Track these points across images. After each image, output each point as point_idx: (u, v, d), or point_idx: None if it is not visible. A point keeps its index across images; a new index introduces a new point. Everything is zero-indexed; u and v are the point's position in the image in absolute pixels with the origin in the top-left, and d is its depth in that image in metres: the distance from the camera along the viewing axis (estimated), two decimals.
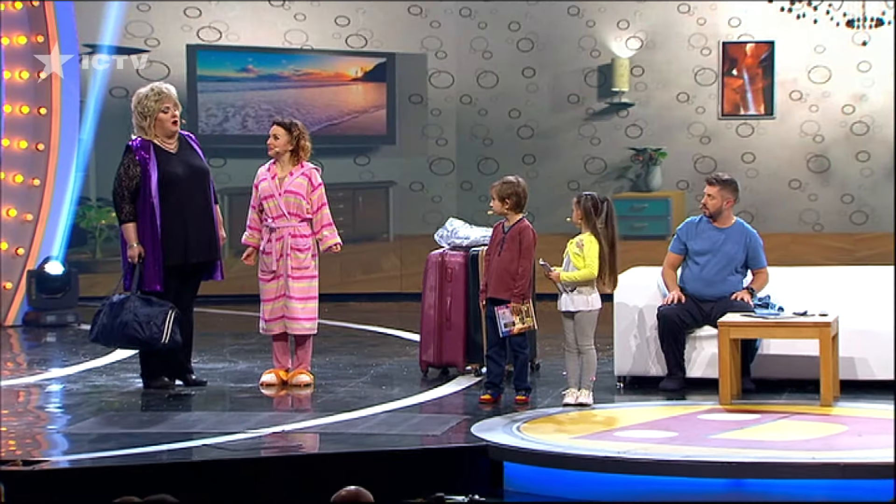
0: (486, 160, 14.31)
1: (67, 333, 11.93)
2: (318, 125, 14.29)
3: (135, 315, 8.66)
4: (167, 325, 8.69)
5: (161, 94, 8.95)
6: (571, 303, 8.38)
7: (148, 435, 7.63)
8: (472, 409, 8.32)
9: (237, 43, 14.16)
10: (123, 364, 9.92)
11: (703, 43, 14.14)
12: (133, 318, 8.66)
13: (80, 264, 13.36)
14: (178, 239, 8.88)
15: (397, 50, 14.42)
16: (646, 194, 14.24)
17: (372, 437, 7.61)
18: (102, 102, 12.99)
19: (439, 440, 7.49)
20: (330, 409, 8.36)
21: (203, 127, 13.97)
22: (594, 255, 8.31)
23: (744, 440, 7.46)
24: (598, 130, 14.33)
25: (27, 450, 7.36)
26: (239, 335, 11.32)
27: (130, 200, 8.87)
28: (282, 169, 9.08)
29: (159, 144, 8.96)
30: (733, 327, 8.49)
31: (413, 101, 14.41)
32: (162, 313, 8.69)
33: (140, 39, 13.92)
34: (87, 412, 8.36)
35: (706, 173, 14.22)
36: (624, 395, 8.86)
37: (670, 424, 7.88)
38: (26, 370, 10.25)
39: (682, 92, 14.22)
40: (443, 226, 9.57)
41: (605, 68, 14.26)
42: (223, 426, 7.81)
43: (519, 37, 14.32)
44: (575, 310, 8.37)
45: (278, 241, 9.01)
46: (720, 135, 14.18)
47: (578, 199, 8.44)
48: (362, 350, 10.71)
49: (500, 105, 14.40)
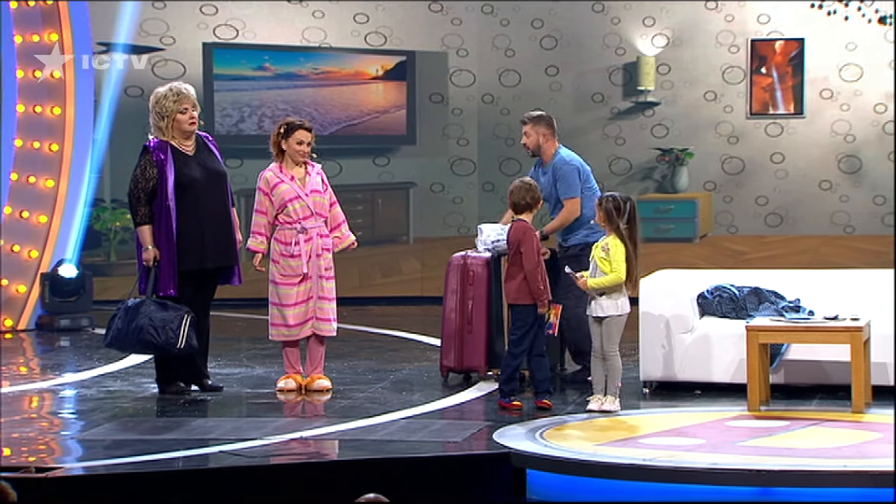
0: (509, 160, 14.31)
1: (81, 338, 11.97)
2: (336, 125, 14.32)
3: (150, 319, 8.68)
4: (183, 329, 8.71)
5: (180, 94, 8.97)
6: (601, 308, 8.38)
7: (163, 441, 7.65)
8: (494, 415, 8.32)
9: (254, 41, 14.20)
10: (138, 369, 9.95)
11: (731, 40, 14.12)
12: (148, 322, 8.68)
13: (95, 267, 13.41)
14: (193, 243, 8.90)
15: (417, 48, 14.44)
16: (672, 196, 14.22)
17: (391, 443, 7.62)
18: (117, 102, 13.04)
19: (460, 447, 7.50)
20: (348, 415, 8.37)
21: (218, 127, 14.01)
22: (620, 259, 8.31)
23: (773, 447, 7.45)
24: (622, 130, 14.32)
25: (40, 456, 7.40)
26: (256, 340, 11.35)
27: (146, 202, 8.90)
28: (296, 169, 9.09)
29: (176, 146, 8.99)
30: (762, 332, 8.47)
31: (434, 100, 14.43)
32: (178, 317, 8.71)
33: (155, 37, 13.98)
34: (101, 418, 8.39)
35: (734, 174, 14.25)
36: (650, 401, 8.85)
37: (697, 431, 7.87)
38: (39, 375, 10.29)
39: (709, 90, 14.20)
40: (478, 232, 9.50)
41: (630, 66, 14.25)
42: (240, 432, 7.83)
43: (542, 34, 14.32)
44: (604, 315, 8.37)
45: (307, 243, 9.00)
46: (748, 134, 14.16)
47: (600, 201, 8.44)
48: (381, 355, 10.72)
49: (522, 104, 14.38)
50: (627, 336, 8.60)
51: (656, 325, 9.01)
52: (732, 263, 13.49)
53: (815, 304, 8.90)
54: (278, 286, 9.06)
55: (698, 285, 9.27)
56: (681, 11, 14.13)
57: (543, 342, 8.53)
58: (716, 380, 8.98)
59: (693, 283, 9.28)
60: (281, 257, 9.05)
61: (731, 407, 8.47)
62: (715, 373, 8.98)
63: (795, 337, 8.62)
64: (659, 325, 9.02)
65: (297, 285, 9.02)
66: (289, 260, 9.03)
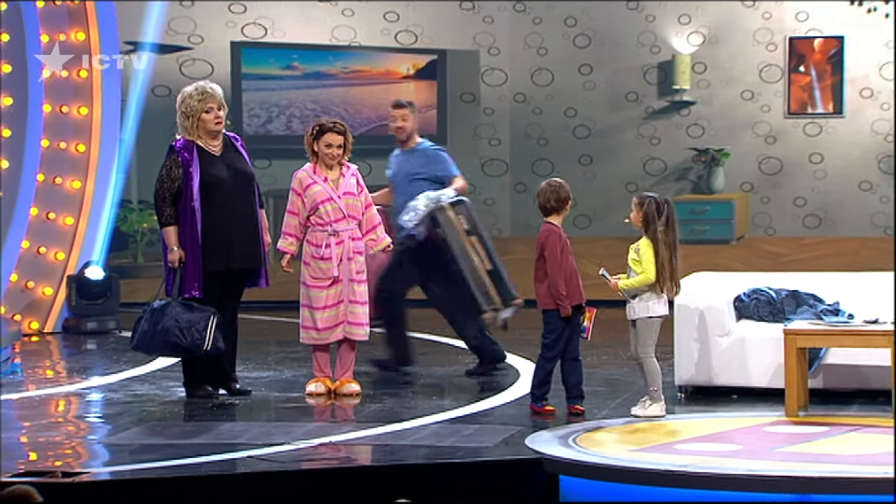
0: (541, 161, 14.30)
1: (108, 340, 12.02)
2: (366, 125, 14.33)
3: (176, 321, 8.71)
4: (209, 331, 8.73)
5: (205, 93, 8.99)
6: (632, 310, 8.37)
7: (191, 446, 7.67)
8: (527, 420, 8.31)
9: (283, 40, 14.24)
10: (165, 372, 9.99)
11: (769, 38, 14.07)
12: (174, 324, 8.71)
13: (122, 269, 13.46)
14: (219, 244, 8.91)
15: (448, 46, 14.44)
16: (708, 196, 14.18)
17: (422, 448, 7.62)
18: (144, 102, 13.09)
19: (492, 452, 7.49)
20: (378, 419, 8.38)
21: (246, 127, 14.05)
22: (650, 260, 8.29)
23: (812, 454, 7.42)
24: (657, 130, 14.29)
25: (66, 461, 7.43)
26: (284, 343, 11.37)
27: (172, 203, 8.93)
28: (330, 170, 9.10)
29: (203, 146, 9.01)
30: (800, 335, 8.44)
31: (465, 99, 14.43)
32: (204, 319, 8.73)
33: (183, 36, 14.03)
34: (128, 422, 8.42)
35: (772, 175, 14.20)
36: (685, 405, 8.82)
37: (734, 437, 7.85)
38: (66, 378, 10.33)
39: (746, 89, 14.16)
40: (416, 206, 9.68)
41: (665, 65, 14.22)
42: (268, 437, 7.85)
43: (575, 32, 14.30)
44: (635, 317, 8.36)
45: (338, 246, 9.00)
46: (786, 134, 14.11)
47: (641, 202, 8.41)
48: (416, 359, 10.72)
49: (555, 104, 14.39)
50: (662, 339, 8.58)
51: (692, 328, 8.99)
52: (770, 266, 13.44)
53: (854, 307, 8.86)
54: (309, 289, 9.07)
55: (735, 288, 9.24)
56: (717, 9, 14.09)
57: (577, 346, 8.52)
58: (753, 384, 8.94)
59: (730, 286, 9.25)
60: (312, 259, 9.06)
61: (769, 412, 8.43)
62: (752, 377, 8.95)
63: (834, 341, 8.58)
64: (695, 329, 8.99)
65: (328, 288, 9.02)
66: (319, 262, 9.03)
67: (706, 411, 8.58)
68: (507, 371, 9.95)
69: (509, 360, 10.30)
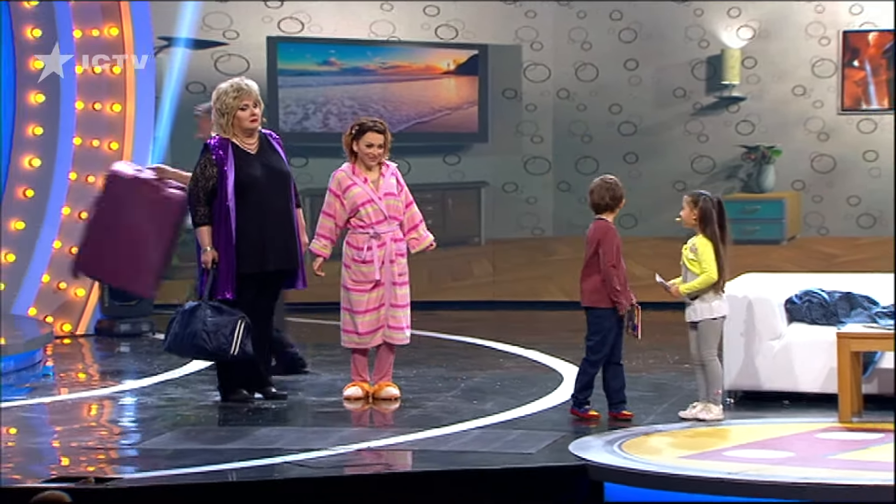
0: (585, 159, 14.27)
1: (142, 343, 12.08)
2: (405, 122, 14.35)
3: (203, 324, 8.73)
4: (237, 335, 8.74)
5: (241, 90, 9.02)
6: (694, 312, 8.36)
7: (226, 451, 7.70)
8: (570, 425, 8.30)
9: (320, 35, 14.27)
10: (200, 376, 10.02)
11: (822, 32, 14.00)
12: (202, 327, 8.73)
13: None
14: (254, 245, 8.93)
15: (490, 41, 14.44)
16: (758, 195, 14.12)
17: (463, 454, 7.62)
18: (179, 98, 13.14)
19: (535, 459, 7.49)
20: (418, 424, 8.39)
21: (282, 125, 14.08)
22: (710, 258, 8.28)
23: (866, 461, 7.38)
24: (706, 127, 14.24)
25: (99, 466, 7.47)
26: (321, 346, 11.40)
27: (206, 202, 8.95)
28: (370, 171, 9.09)
29: (238, 144, 9.04)
30: (854, 339, 8.40)
31: (507, 95, 14.42)
32: (231, 322, 8.74)
33: (218, 32, 14.08)
34: (162, 427, 8.46)
35: (825, 173, 14.12)
36: (735, 411, 8.79)
37: (785, 443, 7.82)
38: (99, 382, 10.39)
39: (798, 85, 14.09)
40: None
41: (714, 60, 14.16)
42: (305, 442, 7.87)
43: (621, 26, 14.27)
44: (698, 319, 8.35)
45: (380, 248, 8.99)
46: (840, 131, 14.03)
47: (695, 200, 8.39)
48: (453, 362, 10.73)
49: (600, 100, 14.36)
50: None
51: (742, 331, 8.96)
52: (822, 267, 13.37)
53: None
54: (350, 292, 9.05)
55: (786, 290, 9.20)
56: (768, 2, 14.03)
57: (621, 349, 8.50)
58: (805, 389, 8.91)
59: (781, 288, 9.21)
60: (353, 262, 9.04)
61: (821, 418, 8.40)
62: (804, 382, 8.91)
63: (889, 344, 8.53)
64: (744, 332, 8.96)
65: (369, 292, 9.00)
66: (361, 266, 9.01)
67: (756, 417, 8.56)
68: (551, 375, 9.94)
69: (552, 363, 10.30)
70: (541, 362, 10.59)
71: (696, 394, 8.49)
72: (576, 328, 8.91)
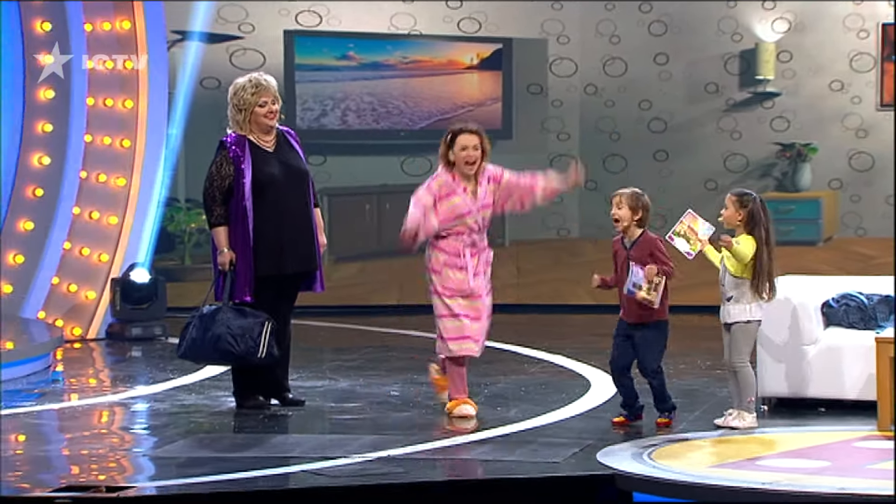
0: (613, 157, 14.27)
1: (154, 347, 12.11)
2: (427, 119, 14.37)
3: (228, 328, 8.75)
4: (264, 337, 8.77)
5: (259, 85, 9.03)
6: (728, 314, 8.36)
7: (241, 459, 7.72)
8: (598, 433, 8.30)
9: (338, 28, 14.30)
10: (214, 381, 10.05)
11: (860, 24, 13.97)
12: (227, 330, 8.75)
13: (168, 272, 13.57)
14: (272, 246, 8.95)
15: (515, 35, 14.45)
16: (793, 195, 14.11)
17: (486, 463, 7.62)
18: (193, 94, 13.18)
19: (561, 468, 7.49)
20: (440, 431, 8.39)
21: (299, 122, 14.11)
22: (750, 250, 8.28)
23: None
24: (739, 123, 14.23)
25: (110, 475, 7.49)
26: (340, 350, 11.41)
27: (222, 202, 8.98)
28: (468, 180, 8.89)
29: (255, 141, 9.06)
30: (893, 344, 8.37)
31: (532, 91, 14.43)
32: (258, 325, 8.77)
33: (234, 25, 14.13)
34: (175, 434, 8.48)
35: (863, 171, 14.10)
36: (769, 419, 8.78)
37: (822, 453, 7.80)
38: (110, 388, 10.42)
39: (835, 80, 14.07)
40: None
41: (747, 54, 14.15)
42: (323, 450, 7.88)
43: (650, 19, 14.26)
44: (732, 321, 8.35)
45: (473, 257, 8.85)
46: (878, 127, 14.00)
47: (741, 200, 8.38)
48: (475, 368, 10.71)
49: (628, 96, 14.36)
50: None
51: (776, 336, 8.94)
52: (860, 269, 13.34)
53: None
54: (442, 297, 8.85)
55: (823, 293, 9.18)
56: None
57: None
58: (842, 396, 8.89)
59: (817, 291, 9.20)
60: (444, 267, 8.84)
61: (859, 426, 8.38)
62: (841, 388, 8.89)
63: None
64: (779, 337, 8.95)
65: (462, 298, 8.81)
66: (455, 272, 8.83)
67: (791, 425, 8.54)
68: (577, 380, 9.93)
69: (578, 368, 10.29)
70: (567, 367, 10.59)
71: (729, 401, 8.48)
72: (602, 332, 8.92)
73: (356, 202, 14.27)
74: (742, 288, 8.35)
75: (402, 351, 11.74)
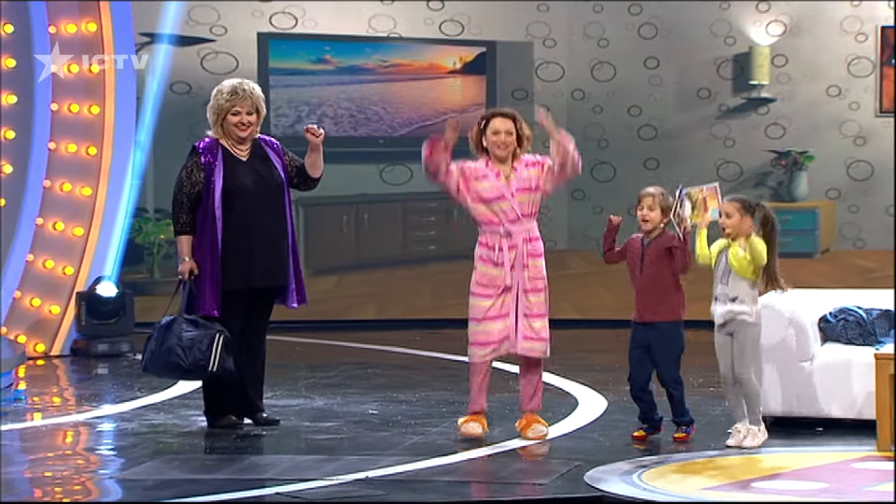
0: (602, 165, 14.30)
1: (121, 364, 12.10)
2: (407, 126, 14.38)
3: (179, 339, 8.74)
4: (214, 350, 8.73)
5: (235, 93, 9.03)
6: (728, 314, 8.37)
7: (213, 481, 7.72)
8: (586, 453, 8.31)
9: (314, 31, 14.31)
10: (184, 400, 10.04)
11: (858, 28, 14.03)
12: (177, 342, 8.74)
13: (136, 285, 13.55)
14: (240, 259, 8.93)
15: (499, 38, 14.48)
16: (789, 205, 14.14)
17: (469, 485, 7.63)
18: (162, 100, 13.18)
19: (547, 489, 7.50)
20: (421, 452, 8.40)
21: (273, 129, 14.12)
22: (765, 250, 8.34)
23: None
24: (732, 130, 14.27)
25: (75, 498, 7.49)
26: (316, 367, 11.40)
27: (189, 210, 8.97)
28: (502, 163, 8.88)
29: (228, 148, 9.06)
30: (893, 361, 8.39)
31: (517, 96, 14.46)
32: (207, 337, 8.74)
33: (205, 27, 14.13)
34: (143, 455, 8.48)
35: (861, 180, 14.15)
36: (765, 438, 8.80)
37: (819, 474, 7.83)
38: (75, 407, 10.41)
39: (832, 85, 14.12)
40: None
41: (741, 58, 14.20)
42: (298, 472, 7.88)
43: (640, 21, 14.31)
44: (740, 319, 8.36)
45: (511, 250, 8.80)
46: (877, 135, 14.06)
47: (747, 207, 8.44)
48: (458, 385, 10.73)
49: (617, 101, 14.39)
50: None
51: (771, 352, 8.96)
52: (859, 282, 13.38)
53: None
54: (473, 297, 8.80)
55: (820, 307, 9.21)
56: None
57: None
58: (840, 415, 8.91)
59: (814, 305, 9.23)
60: (479, 262, 8.79)
61: (858, 447, 8.40)
62: (839, 407, 8.91)
63: None
64: (774, 353, 8.97)
65: (495, 297, 8.79)
66: (490, 268, 8.77)
67: (787, 445, 8.56)
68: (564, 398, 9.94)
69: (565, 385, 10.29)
70: (553, 385, 10.59)
71: (723, 419, 8.49)
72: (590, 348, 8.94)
73: (333, 212, 14.27)
74: (746, 288, 8.37)
75: (381, 367, 11.74)
